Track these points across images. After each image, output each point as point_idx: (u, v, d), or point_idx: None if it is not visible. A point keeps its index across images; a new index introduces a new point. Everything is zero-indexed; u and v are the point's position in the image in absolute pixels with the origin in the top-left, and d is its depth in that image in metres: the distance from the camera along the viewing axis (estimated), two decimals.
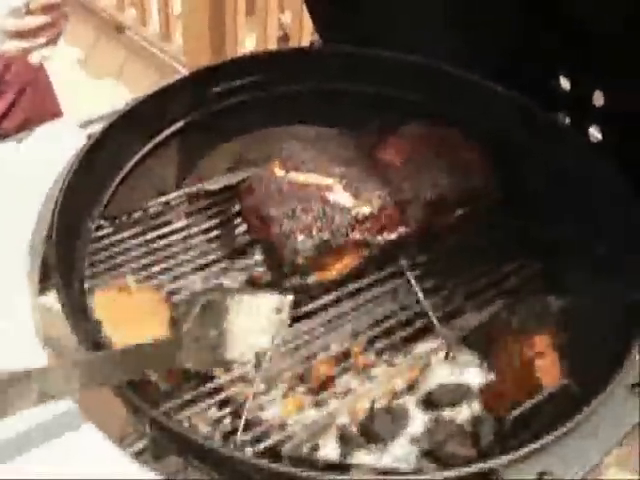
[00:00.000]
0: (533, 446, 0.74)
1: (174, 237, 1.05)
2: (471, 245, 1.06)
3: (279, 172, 0.95)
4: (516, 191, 1.07)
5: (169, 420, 0.76)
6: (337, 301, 0.96)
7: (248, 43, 2.35)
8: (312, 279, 0.92)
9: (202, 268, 1.03)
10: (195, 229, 1.07)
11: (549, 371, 0.92)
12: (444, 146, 1.00)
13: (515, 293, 1.05)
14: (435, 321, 0.97)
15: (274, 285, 0.94)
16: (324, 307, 0.96)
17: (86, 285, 0.94)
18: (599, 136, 1.11)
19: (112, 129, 1.08)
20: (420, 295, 0.99)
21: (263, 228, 0.92)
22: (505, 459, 0.75)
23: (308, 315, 0.95)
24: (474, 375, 0.98)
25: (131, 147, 1.13)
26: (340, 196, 0.92)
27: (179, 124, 1.16)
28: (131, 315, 0.85)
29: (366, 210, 0.92)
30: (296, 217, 0.90)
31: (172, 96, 1.15)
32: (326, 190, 0.93)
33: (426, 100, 1.17)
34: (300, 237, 0.89)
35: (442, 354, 1.00)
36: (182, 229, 1.06)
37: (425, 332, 0.99)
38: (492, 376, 0.97)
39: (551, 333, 0.97)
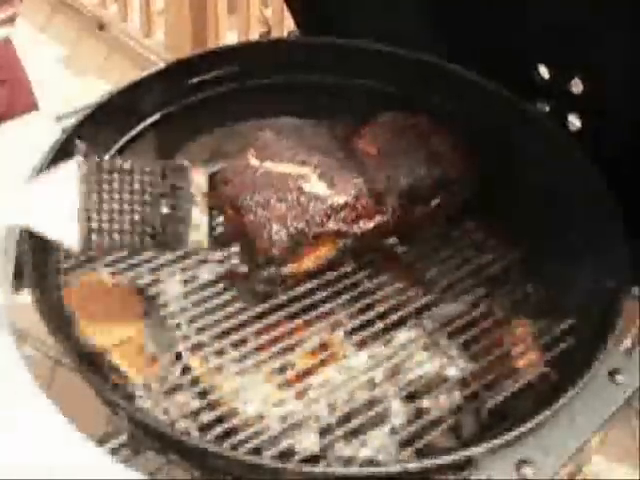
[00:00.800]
0: (512, 434, 0.74)
1: None
2: (449, 234, 1.05)
3: (254, 162, 0.94)
4: (492, 180, 1.07)
5: (147, 416, 0.75)
6: (313, 291, 0.95)
7: (230, 38, 2.34)
8: (287, 270, 0.90)
9: (179, 260, 1.02)
10: None
11: (528, 359, 0.92)
12: (418, 135, 0.99)
13: (495, 281, 1.04)
14: (414, 311, 0.96)
15: (249, 275, 0.93)
16: (300, 297, 0.95)
17: (61, 279, 0.93)
18: (578, 124, 1.11)
19: (86, 122, 1.08)
20: (398, 284, 0.98)
21: (237, 218, 0.91)
22: (484, 447, 0.74)
23: (284, 306, 0.93)
24: (454, 364, 0.97)
25: (106, 140, 1.11)
26: (315, 185, 0.91)
27: (154, 117, 1.15)
28: (105, 309, 0.84)
29: (341, 199, 0.91)
30: (270, 206, 0.89)
31: (147, 89, 1.14)
32: (301, 180, 0.92)
33: (402, 90, 1.17)
34: (275, 227, 0.88)
35: (422, 344, 1.00)
36: None
37: (405, 322, 0.98)
38: (472, 365, 0.96)
39: (530, 321, 0.97)
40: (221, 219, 0.97)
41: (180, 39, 2.38)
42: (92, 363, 0.81)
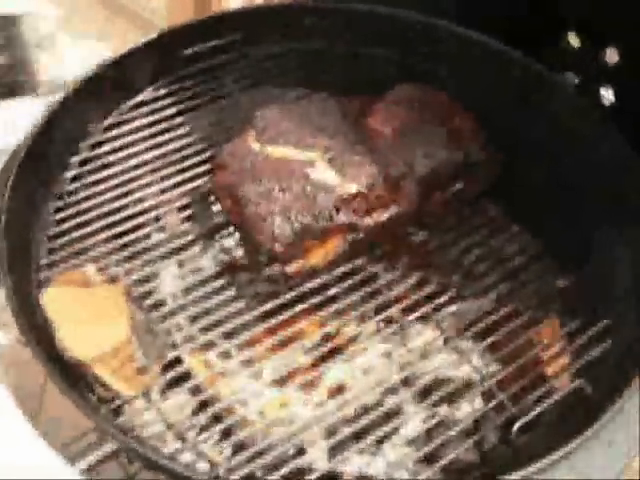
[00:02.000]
0: (546, 462, 0.65)
1: (143, 218, 0.94)
2: (470, 220, 0.95)
3: (254, 145, 0.84)
4: (516, 161, 0.97)
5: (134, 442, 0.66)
6: (324, 288, 0.86)
7: (235, 2, 2.22)
8: (292, 268, 0.81)
9: (176, 251, 0.92)
10: (167, 208, 0.96)
11: (558, 365, 0.83)
12: (437, 111, 0.89)
13: (521, 275, 0.95)
14: (433, 308, 0.87)
15: (251, 271, 0.83)
16: (309, 294, 0.86)
17: (42, 276, 0.84)
18: (612, 98, 1.00)
19: (73, 98, 0.98)
20: (416, 278, 0.89)
21: (236, 210, 0.81)
22: (517, 476, 0.65)
23: (292, 304, 0.84)
24: (475, 367, 0.88)
25: (95, 117, 1.01)
26: (324, 173, 0.81)
27: (147, 92, 1.05)
28: (88, 314, 0.75)
29: (353, 189, 0.82)
30: (273, 197, 0.80)
31: (139, 61, 1.04)
32: (308, 166, 0.82)
33: (419, 61, 1.06)
34: (277, 221, 0.78)
35: (440, 344, 0.91)
36: (152, 208, 0.95)
37: (423, 320, 0.90)
38: (496, 371, 0.87)
39: (558, 320, 0.88)
40: (219, 207, 0.87)
41: (182, 1, 2.26)
42: (72, 375, 0.72)
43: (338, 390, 0.87)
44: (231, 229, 0.89)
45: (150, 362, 0.76)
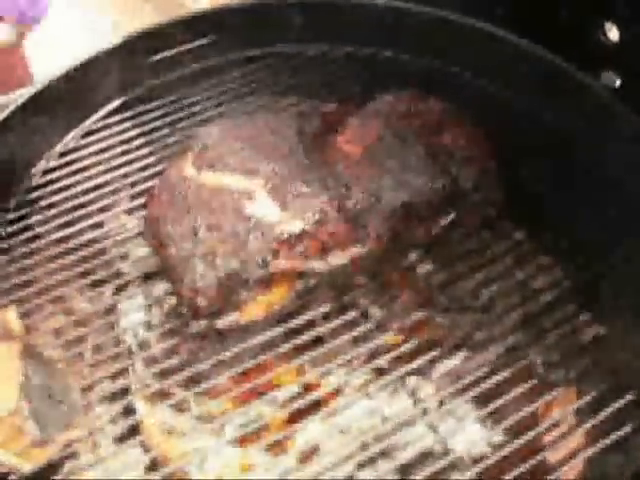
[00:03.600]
0: None
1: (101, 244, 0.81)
2: (485, 246, 0.78)
3: (189, 171, 0.69)
4: (542, 175, 0.79)
5: None
6: (304, 328, 0.71)
7: None
8: (224, 322, 0.66)
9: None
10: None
11: (567, 448, 0.65)
12: (424, 126, 0.71)
13: (540, 322, 0.78)
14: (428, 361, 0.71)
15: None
16: (285, 336, 0.71)
17: None
18: None
19: (19, 116, 0.86)
20: (410, 322, 0.73)
21: (160, 251, 0.67)
22: None
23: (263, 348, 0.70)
24: (469, 443, 0.71)
25: (54, 133, 0.90)
26: (263, 206, 0.66)
27: (113, 104, 0.92)
28: None
29: (296, 226, 0.66)
30: (199, 238, 0.65)
31: (103, 69, 0.91)
32: (245, 198, 0.66)
33: (422, 59, 0.89)
34: (200, 267, 0.63)
35: (434, 406, 0.74)
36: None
37: (417, 374, 0.76)
38: (493, 448, 0.71)
39: (574, 388, 0.69)
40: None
41: None
42: None
43: (310, 453, 0.74)
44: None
45: (48, 433, 0.62)
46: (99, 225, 0.85)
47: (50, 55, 1.33)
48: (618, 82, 0.82)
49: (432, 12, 0.89)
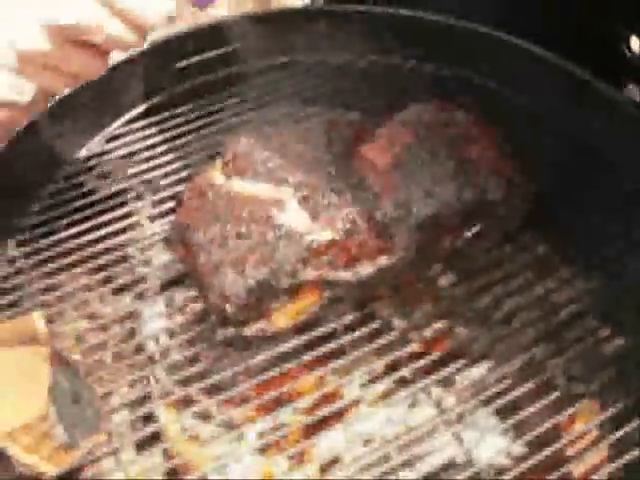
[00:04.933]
0: None
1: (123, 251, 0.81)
2: (510, 258, 0.79)
3: (219, 178, 0.70)
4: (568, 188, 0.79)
5: None
6: (325, 338, 0.72)
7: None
8: (252, 330, 0.66)
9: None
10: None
11: (589, 463, 0.65)
12: (451, 137, 0.72)
13: (563, 334, 0.78)
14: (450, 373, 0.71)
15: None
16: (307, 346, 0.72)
17: None
18: None
19: (45, 120, 0.86)
20: (431, 333, 0.73)
21: (188, 258, 0.67)
22: None
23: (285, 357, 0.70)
24: (493, 451, 0.71)
25: (76, 140, 0.90)
26: (293, 215, 0.66)
27: (137, 109, 0.92)
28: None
29: (326, 236, 0.66)
30: (228, 246, 0.65)
31: (127, 75, 0.91)
32: (275, 206, 0.67)
33: (448, 69, 0.90)
34: (230, 276, 0.64)
35: (454, 417, 0.75)
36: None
37: (438, 385, 0.75)
38: (519, 450, 0.71)
39: (597, 401, 0.70)
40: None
41: None
42: None
43: (332, 463, 0.73)
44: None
45: (75, 438, 0.63)
46: (122, 231, 0.85)
47: None
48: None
49: (457, 23, 0.89)
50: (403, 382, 0.75)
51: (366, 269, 0.67)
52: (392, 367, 0.75)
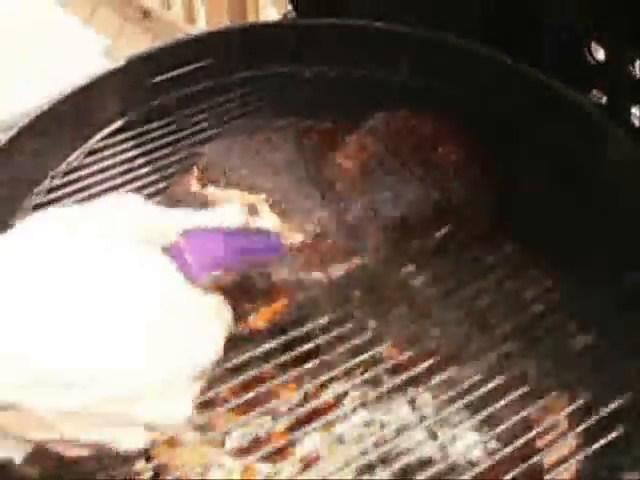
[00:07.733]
0: None
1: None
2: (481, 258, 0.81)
3: (194, 186, 0.72)
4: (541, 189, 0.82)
5: None
6: (301, 340, 0.73)
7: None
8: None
9: None
10: None
11: (555, 449, 0.67)
12: (418, 142, 0.74)
13: (536, 331, 0.80)
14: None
15: None
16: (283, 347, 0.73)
17: None
18: None
19: (24, 135, 0.88)
20: (407, 333, 0.75)
21: None
22: None
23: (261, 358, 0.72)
24: (467, 445, 0.73)
25: (53, 156, 0.92)
26: (265, 219, 0.68)
27: (114, 125, 0.95)
28: None
29: (298, 239, 0.68)
30: None
31: (102, 91, 0.93)
32: (248, 211, 0.69)
33: (417, 80, 0.92)
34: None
35: (430, 411, 0.77)
36: None
37: (412, 384, 0.76)
38: (492, 445, 0.73)
39: (567, 393, 0.72)
40: None
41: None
42: None
43: (311, 461, 0.75)
44: None
45: None
46: None
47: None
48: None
49: (427, 34, 0.92)
50: (378, 381, 0.77)
51: (338, 270, 0.69)
52: (367, 367, 0.77)
